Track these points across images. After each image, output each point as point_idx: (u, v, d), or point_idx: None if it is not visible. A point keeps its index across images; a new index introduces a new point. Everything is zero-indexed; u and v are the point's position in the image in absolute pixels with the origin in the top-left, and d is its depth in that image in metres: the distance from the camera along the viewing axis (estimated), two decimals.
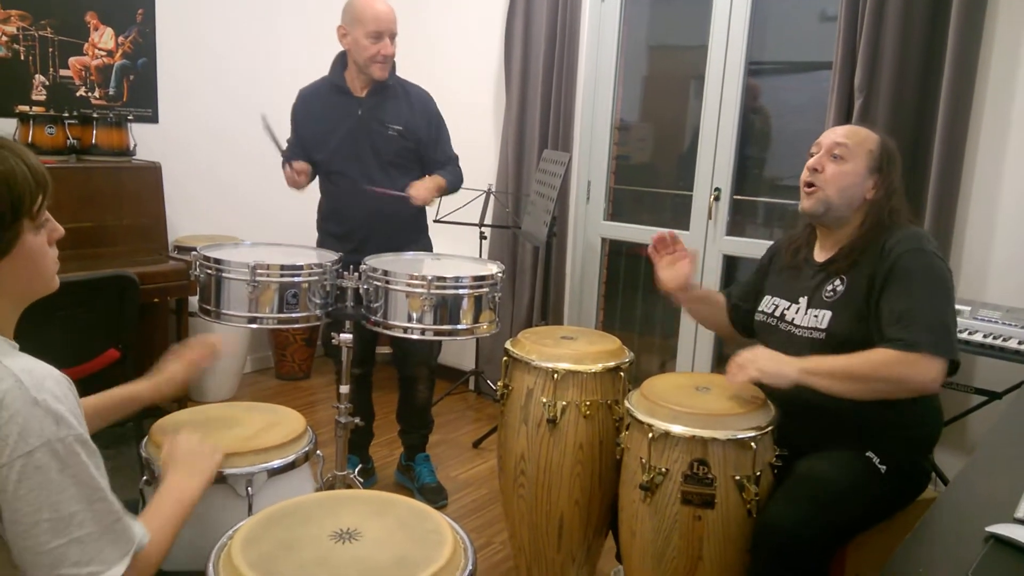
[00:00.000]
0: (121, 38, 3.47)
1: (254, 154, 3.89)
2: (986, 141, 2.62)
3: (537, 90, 3.69)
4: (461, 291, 2.07)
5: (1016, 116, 2.57)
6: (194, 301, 2.14)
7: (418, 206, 2.68)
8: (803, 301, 1.85)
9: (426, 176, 2.73)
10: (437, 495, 2.90)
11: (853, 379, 1.63)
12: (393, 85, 2.71)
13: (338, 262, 2.16)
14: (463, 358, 4.11)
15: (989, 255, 2.66)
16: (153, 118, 3.63)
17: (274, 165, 2.72)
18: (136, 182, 3.24)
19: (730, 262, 3.39)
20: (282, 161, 2.65)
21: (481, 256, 3.78)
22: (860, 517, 1.70)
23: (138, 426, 2.81)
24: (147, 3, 3.53)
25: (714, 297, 2.16)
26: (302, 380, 4.17)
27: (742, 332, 2.09)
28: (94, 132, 3.18)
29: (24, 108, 3.14)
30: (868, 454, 1.72)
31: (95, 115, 3.23)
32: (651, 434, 1.70)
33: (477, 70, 4.01)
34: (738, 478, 1.66)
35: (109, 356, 2.62)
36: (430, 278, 2.02)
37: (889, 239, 1.74)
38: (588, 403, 2.05)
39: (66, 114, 3.18)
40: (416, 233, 2.84)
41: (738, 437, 1.66)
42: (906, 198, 1.86)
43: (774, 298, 1.95)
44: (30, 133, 3.05)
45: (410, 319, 2.05)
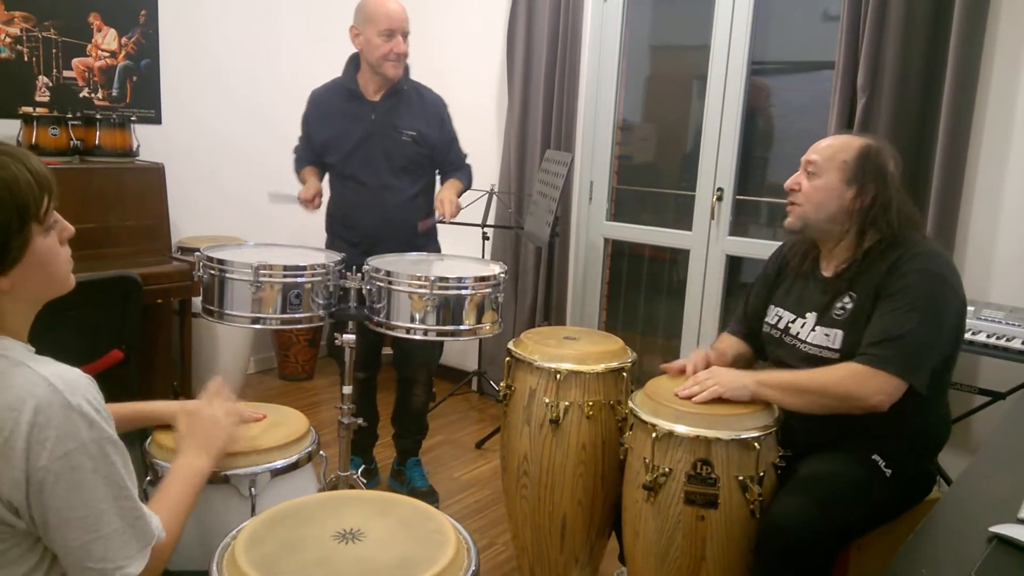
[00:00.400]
0: (124, 39, 3.48)
1: (257, 155, 3.92)
2: (989, 141, 2.62)
3: (539, 90, 3.69)
4: (464, 291, 2.07)
5: (1019, 115, 2.57)
6: (197, 302, 2.14)
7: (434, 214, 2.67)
8: (811, 317, 1.84)
9: (444, 184, 2.73)
10: (428, 500, 2.88)
11: (800, 393, 1.69)
12: (408, 90, 2.68)
13: (341, 262, 2.16)
14: (466, 359, 4.12)
15: (992, 255, 2.66)
16: (156, 119, 3.64)
17: (276, 167, 2.73)
18: (139, 183, 3.24)
19: (733, 262, 3.39)
20: (299, 200, 2.61)
21: (484, 256, 3.78)
22: (864, 519, 1.69)
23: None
24: (150, 4, 3.53)
25: (737, 348, 2.08)
26: (305, 381, 4.17)
27: (759, 355, 2.07)
28: (97, 133, 3.19)
29: (28, 109, 3.16)
30: (874, 457, 1.72)
31: (98, 116, 3.24)
32: (655, 434, 1.70)
33: (479, 71, 4.02)
34: (741, 478, 1.66)
35: (113, 357, 2.62)
36: (433, 279, 2.02)
37: (905, 254, 1.71)
38: (591, 403, 2.05)
39: (69, 115, 3.18)
40: (425, 238, 2.80)
41: (742, 437, 1.66)
42: (910, 202, 1.84)
43: (779, 309, 1.95)
44: (34, 134, 3.06)
45: (413, 320, 2.05)
